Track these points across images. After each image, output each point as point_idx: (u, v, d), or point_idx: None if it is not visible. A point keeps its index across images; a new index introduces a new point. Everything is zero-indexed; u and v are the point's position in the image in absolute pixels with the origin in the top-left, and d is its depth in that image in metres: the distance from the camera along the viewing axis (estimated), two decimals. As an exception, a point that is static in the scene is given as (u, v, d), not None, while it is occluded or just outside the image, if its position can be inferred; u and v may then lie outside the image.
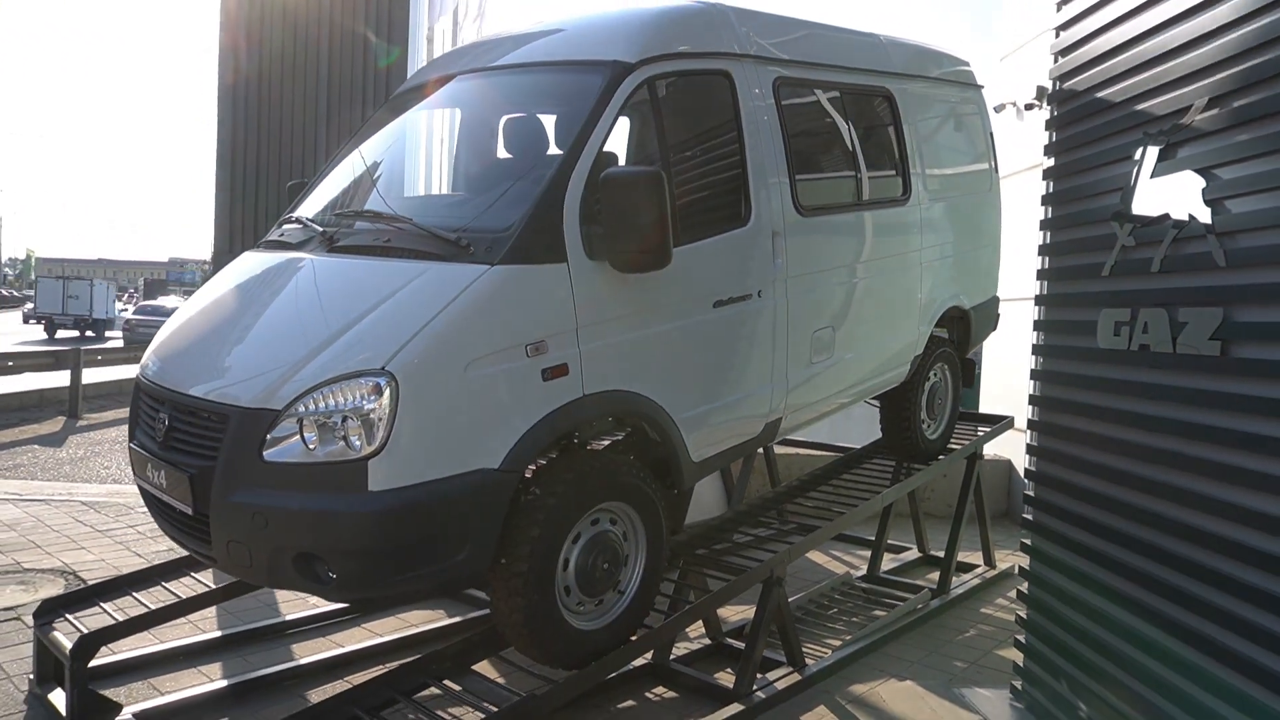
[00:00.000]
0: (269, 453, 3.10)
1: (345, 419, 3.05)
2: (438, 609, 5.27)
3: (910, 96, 5.30)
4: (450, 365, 3.15)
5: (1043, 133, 4.32)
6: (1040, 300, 4.18)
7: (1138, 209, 3.40)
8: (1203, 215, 3.02)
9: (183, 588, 4.49)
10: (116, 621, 4.14)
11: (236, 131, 10.06)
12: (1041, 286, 4.19)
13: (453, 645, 3.95)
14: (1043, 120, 4.46)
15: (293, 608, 5.20)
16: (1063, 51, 4.07)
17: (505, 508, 3.29)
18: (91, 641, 3.95)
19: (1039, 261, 4.21)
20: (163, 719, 3.97)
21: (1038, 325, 4.19)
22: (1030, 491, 4.20)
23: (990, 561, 6.43)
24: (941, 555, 6.04)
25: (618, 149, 4.08)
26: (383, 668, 4.22)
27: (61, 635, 4.09)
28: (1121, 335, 3.43)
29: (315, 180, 4.50)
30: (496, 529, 3.28)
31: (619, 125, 3.80)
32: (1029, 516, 4.18)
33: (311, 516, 3.08)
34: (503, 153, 4.24)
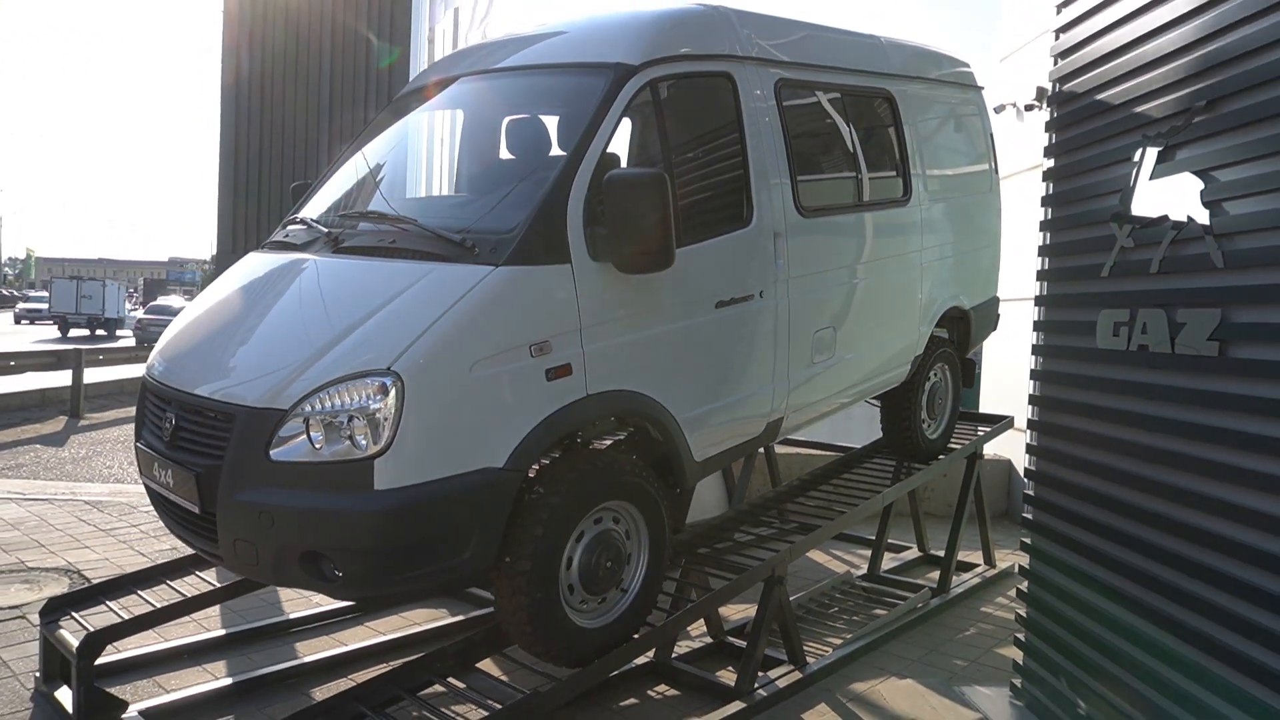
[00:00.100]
0: (275, 452, 3.13)
1: (351, 418, 3.07)
2: (440, 608, 5.29)
3: (910, 98, 5.33)
4: (455, 365, 3.18)
5: (1043, 134, 4.34)
6: (1040, 301, 4.20)
7: (1137, 210, 3.42)
8: (1201, 217, 3.05)
9: (187, 586, 4.52)
10: (122, 620, 4.16)
11: (239, 131, 10.08)
12: (1041, 287, 4.22)
13: (456, 643, 3.97)
14: (1043, 121, 4.48)
15: (296, 606, 5.23)
16: (1062, 54, 4.09)
17: (509, 507, 3.31)
18: (97, 639, 3.98)
19: (1039, 262, 4.23)
20: (168, 716, 3.99)
21: (1037, 325, 4.22)
22: (1030, 491, 4.22)
23: (990, 561, 6.45)
24: (942, 554, 6.06)
25: (620, 150, 4.11)
26: (386, 666, 4.25)
27: (68, 633, 4.12)
28: (1120, 336, 3.46)
29: (319, 181, 4.52)
30: (500, 528, 3.30)
31: (622, 127, 3.83)
32: (1029, 516, 4.20)
33: (318, 515, 3.10)
34: (506, 154, 4.26)
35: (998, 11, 10.08)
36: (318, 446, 3.10)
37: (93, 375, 16.42)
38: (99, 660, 4.01)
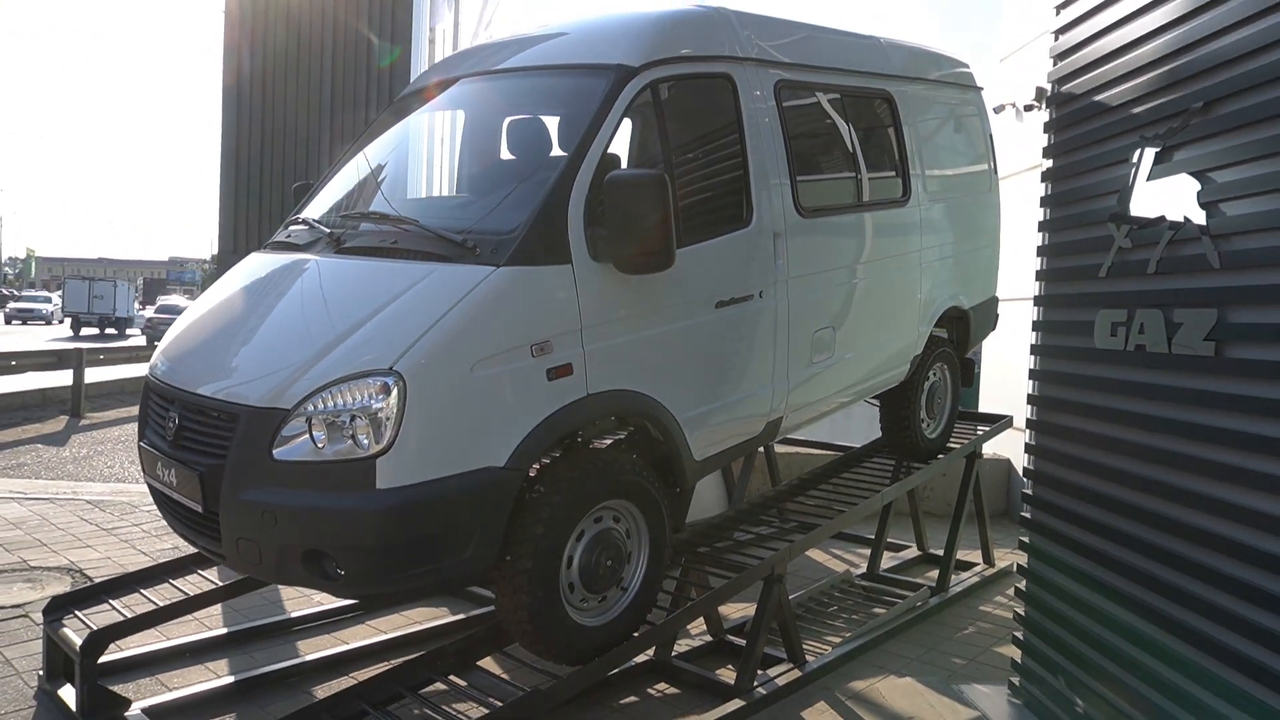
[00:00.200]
0: (278, 451, 3.15)
1: (354, 418, 3.09)
2: (441, 606, 5.31)
3: (910, 98, 5.35)
4: (457, 365, 3.20)
5: (1042, 134, 4.36)
6: (1039, 300, 4.22)
7: (1134, 211, 3.44)
8: (1198, 218, 3.06)
9: (190, 585, 4.54)
10: (124, 618, 4.19)
11: (240, 131, 10.07)
12: (1040, 287, 4.24)
13: (457, 641, 3.99)
14: (1042, 121, 4.50)
15: (298, 605, 5.25)
16: (1061, 55, 4.11)
17: (510, 505, 3.33)
18: (101, 638, 4.00)
19: (1038, 262, 4.25)
20: (170, 714, 4.01)
21: (1036, 325, 4.23)
22: (1029, 490, 4.24)
23: (989, 560, 6.47)
24: (941, 553, 6.08)
25: (621, 151, 4.13)
26: (387, 664, 4.26)
27: (71, 631, 4.14)
28: (1118, 336, 3.48)
29: (321, 182, 4.54)
30: (501, 526, 3.32)
31: (623, 128, 3.85)
32: (1027, 515, 4.22)
33: (320, 514, 3.12)
34: (507, 155, 4.28)
35: (998, 12, 10.10)
36: (320, 446, 3.12)
37: (94, 375, 16.44)
38: (102, 658, 4.03)
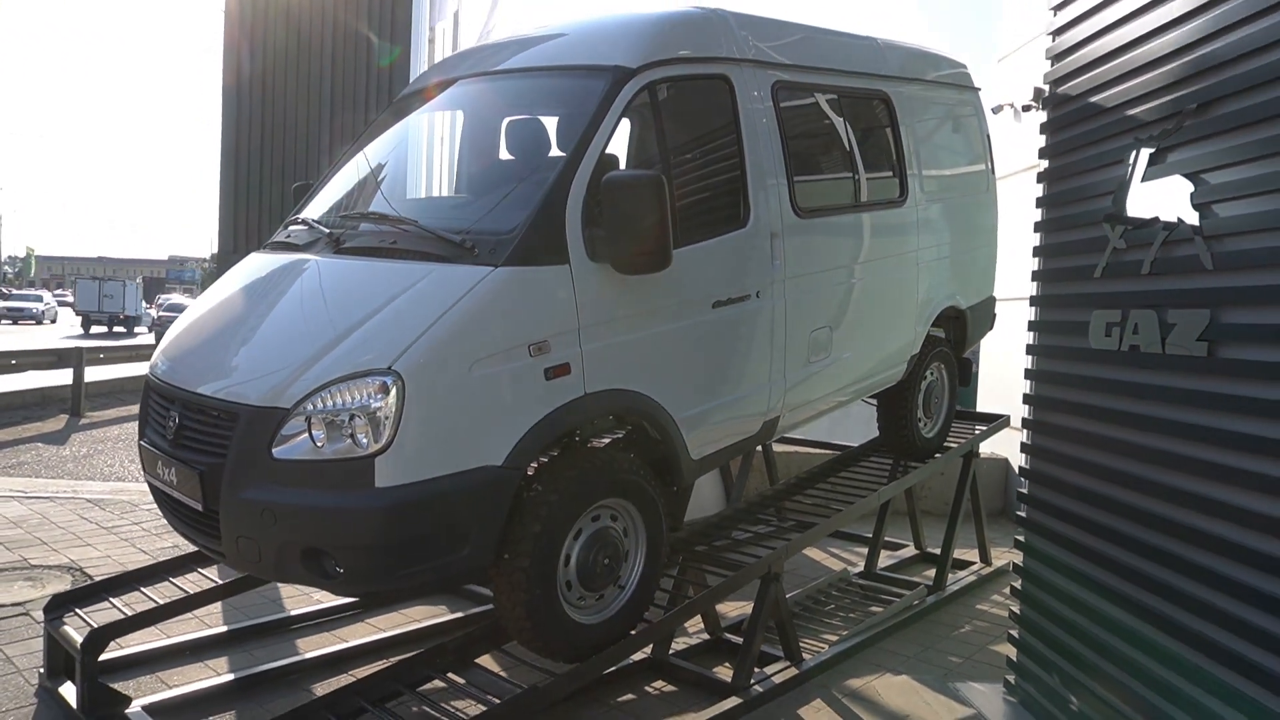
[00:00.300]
0: (278, 450, 3.17)
1: (353, 417, 3.11)
2: (440, 605, 5.33)
3: (907, 99, 5.36)
4: (455, 365, 3.21)
5: (1039, 135, 4.38)
6: (1035, 301, 4.24)
7: (1129, 212, 3.46)
8: (1191, 219, 3.08)
9: (189, 584, 4.56)
10: (125, 616, 4.21)
11: (240, 131, 10.09)
12: (1036, 287, 4.26)
13: (455, 639, 4.01)
14: (1039, 122, 4.52)
15: (297, 603, 5.27)
16: (1057, 56, 4.13)
17: (508, 504, 3.35)
18: (101, 636, 4.02)
19: (1034, 262, 4.27)
20: (171, 712, 4.03)
21: (1033, 325, 4.25)
22: (1024, 489, 4.26)
23: (986, 558, 6.49)
24: (938, 552, 6.11)
25: (619, 152, 4.14)
26: (386, 662, 4.28)
27: (71, 629, 4.16)
28: (1113, 336, 3.50)
29: (320, 182, 4.56)
30: (499, 525, 3.34)
31: (621, 128, 3.87)
32: (1023, 514, 4.24)
33: (319, 512, 3.14)
34: (506, 156, 4.30)
35: (996, 12, 10.11)
36: (319, 445, 3.14)
37: (94, 374, 16.45)
38: (102, 656, 4.05)
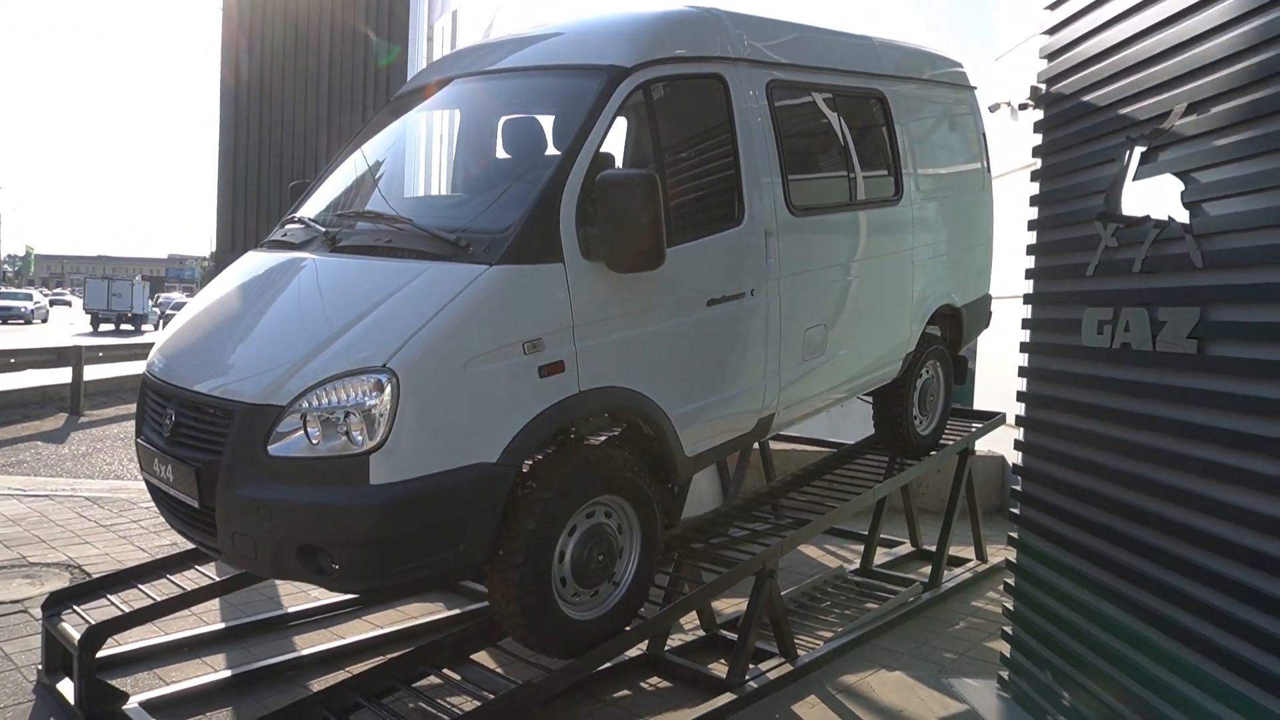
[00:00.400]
0: (273, 447, 3.18)
1: (348, 414, 3.13)
2: (436, 601, 5.35)
3: (902, 98, 5.38)
4: (450, 362, 3.23)
5: (1034, 133, 4.39)
6: (1029, 298, 4.25)
7: (1121, 210, 3.47)
8: (1182, 217, 3.10)
9: (187, 581, 4.57)
10: (123, 613, 4.23)
11: (238, 131, 10.11)
12: (1031, 285, 4.27)
13: (451, 635, 4.03)
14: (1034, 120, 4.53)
15: (294, 600, 5.29)
16: (1051, 55, 4.14)
17: (503, 501, 3.36)
18: (99, 632, 4.04)
19: (1029, 260, 4.29)
20: (168, 708, 4.04)
21: (1027, 323, 4.27)
22: (1018, 486, 4.28)
23: (981, 556, 6.51)
24: (934, 549, 6.13)
25: (614, 151, 4.15)
26: (383, 658, 4.30)
27: (69, 626, 4.18)
28: (1104, 333, 3.51)
29: (317, 181, 4.57)
30: (494, 522, 3.36)
31: (616, 127, 3.88)
32: (1017, 511, 4.25)
33: (315, 509, 3.16)
34: (501, 154, 4.31)
35: (994, 12, 10.13)
36: (314, 442, 3.16)
37: (93, 372, 16.48)
38: (100, 653, 4.07)
